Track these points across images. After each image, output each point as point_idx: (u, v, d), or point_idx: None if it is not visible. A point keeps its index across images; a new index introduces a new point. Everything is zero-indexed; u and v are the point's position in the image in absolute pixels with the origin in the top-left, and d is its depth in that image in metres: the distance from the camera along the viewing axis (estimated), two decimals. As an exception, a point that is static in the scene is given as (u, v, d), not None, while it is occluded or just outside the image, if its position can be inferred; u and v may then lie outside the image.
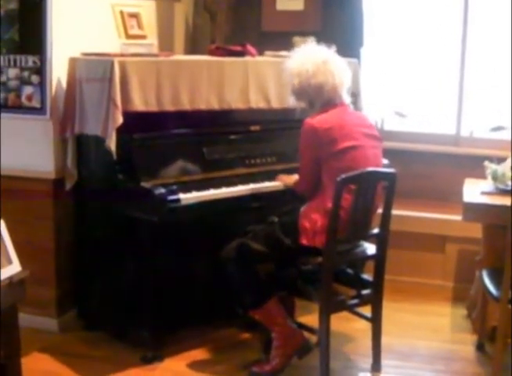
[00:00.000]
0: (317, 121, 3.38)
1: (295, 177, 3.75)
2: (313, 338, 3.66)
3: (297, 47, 3.67)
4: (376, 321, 3.65)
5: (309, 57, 3.48)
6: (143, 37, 4.23)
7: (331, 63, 3.47)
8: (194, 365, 3.70)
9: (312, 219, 3.38)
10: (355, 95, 4.49)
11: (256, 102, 4.09)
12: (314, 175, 3.44)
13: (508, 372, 3.49)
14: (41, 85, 3.82)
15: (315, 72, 3.42)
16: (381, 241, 3.58)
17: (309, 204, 3.46)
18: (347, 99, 3.55)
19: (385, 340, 3.72)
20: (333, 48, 3.55)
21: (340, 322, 3.81)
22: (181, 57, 4.30)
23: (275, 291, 3.52)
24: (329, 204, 3.29)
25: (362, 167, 3.37)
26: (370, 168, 3.41)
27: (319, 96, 3.46)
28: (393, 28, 5.28)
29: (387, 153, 3.95)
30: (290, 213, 3.56)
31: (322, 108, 3.46)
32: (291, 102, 3.64)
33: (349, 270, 3.73)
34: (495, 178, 4.12)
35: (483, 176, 4.23)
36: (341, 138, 3.37)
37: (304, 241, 3.40)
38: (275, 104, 4.15)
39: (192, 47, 5.05)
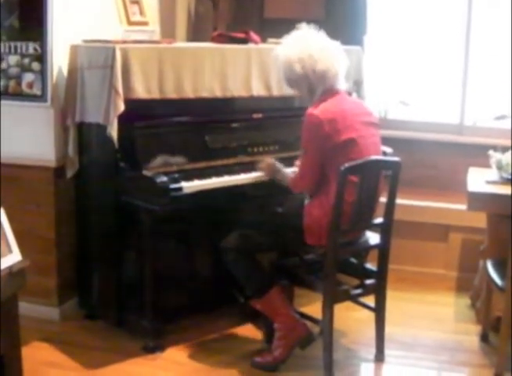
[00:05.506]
0: (320, 111, 3.31)
1: (283, 170, 3.65)
2: (315, 328, 3.64)
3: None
4: (379, 311, 3.63)
5: (310, 43, 3.41)
6: (145, 23, 4.20)
7: (331, 49, 3.42)
8: (195, 355, 3.68)
9: (317, 218, 3.33)
10: (358, 84, 4.47)
11: (257, 90, 4.05)
12: (318, 170, 3.36)
13: (513, 362, 3.47)
14: (42, 73, 3.78)
15: (320, 58, 3.36)
16: (385, 231, 3.55)
17: (313, 201, 3.40)
18: (344, 85, 3.49)
19: (388, 330, 3.70)
20: (323, 33, 3.46)
21: (343, 312, 3.78)
22: (183, 44, 4.26)
23: (277, 280, 3.50)
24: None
25: (364, 157, 3.32)
26: (374, 157, 3.37)
27: (321, 83, 3.40)
28: (396, 16, 5.24)
29: (390, 141, 3.93)
30: (293, 205, 3.52)
31: (321, 96, 3.40)
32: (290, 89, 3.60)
33: (353, 260, 3.71)
34: (499, 167, 4.11)
35: (486, 165, 4.21)
36: (344, 129, 3.31)
37: (309, 242, 3.37)
38: (276, 92, 4.11)
39: (195, 34, 5.01)
